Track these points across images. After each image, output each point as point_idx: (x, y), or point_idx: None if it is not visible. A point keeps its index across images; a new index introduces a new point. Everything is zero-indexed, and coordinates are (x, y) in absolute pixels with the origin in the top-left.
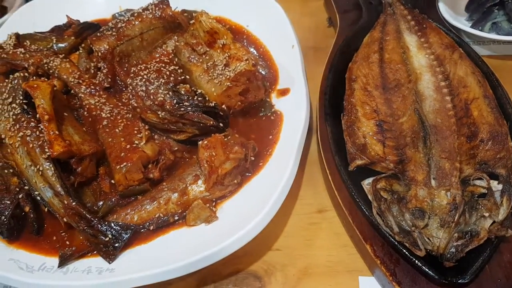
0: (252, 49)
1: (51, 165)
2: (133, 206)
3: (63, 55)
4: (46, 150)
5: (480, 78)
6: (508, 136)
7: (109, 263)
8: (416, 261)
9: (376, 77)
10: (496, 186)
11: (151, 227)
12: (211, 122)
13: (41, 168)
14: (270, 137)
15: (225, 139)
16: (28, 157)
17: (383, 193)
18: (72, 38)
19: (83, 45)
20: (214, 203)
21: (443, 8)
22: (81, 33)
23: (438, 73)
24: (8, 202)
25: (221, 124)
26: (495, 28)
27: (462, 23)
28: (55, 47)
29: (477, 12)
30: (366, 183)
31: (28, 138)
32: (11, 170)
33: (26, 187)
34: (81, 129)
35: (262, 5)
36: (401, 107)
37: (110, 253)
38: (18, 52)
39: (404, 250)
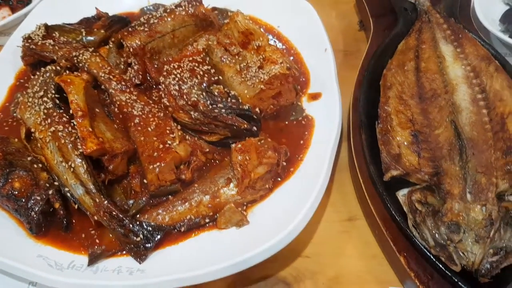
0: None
1: (83, 162)
2: (165, 206)
3: (93, 48)
4: (79, 146)
5: None
6: None
7: (140, 263)
8: (452, 276)
9: (411, 86)
10: None
11: (182, 229)
12: (245, 126)
13: (72, 165)
14: (301, 142)
15: (259, 143)
16: (59, 153)
17: (418, 205)
18: (102, 31)
19: (113, 39)
20: (244, 207)
21: (481, 17)
22: (111, 26)
23: (474, 85)
24: (38, 198)
25: (254, 128)
26: None
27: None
28: (84, 40)
29: None
30: (401, 194)
31: (60, 133)
32: (40, 165)
33: (56, 183)
34: (112, 126)
35: (294, 5)
36: (438, 118)
37: (141, 253)
38: (47, 44)
39: (440, 264)
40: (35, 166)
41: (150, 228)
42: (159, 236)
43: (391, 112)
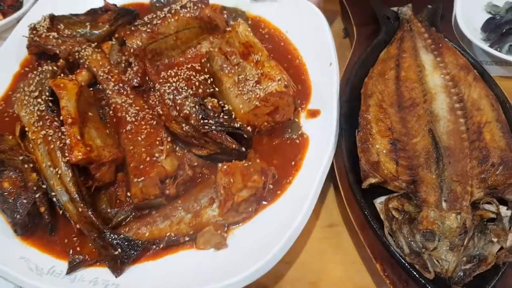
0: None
1: (69, 170)
2: (146, 221)
3: (96, 43)
4: (66, 154)
5: (493, 102)
6: None
7: (116, 277)
8: (426, 283)
9: (391, 95)
10: (505, 212)
11: (161, 245)
12: (234, 146)
13: (59, 171)
14: (293, 163)
15: (245, 164)
16: (48, 157)
17: (395, 213)
18: (107, 26)
19: (116, 35)
20: (226, 228)
21: (462, 26)
22: (117, 20)
23: (453, 94)
24: (25, 201)
25: (243, 148)
26: None
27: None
28: (88, 34)
29: (494, 33)
30: (379, 202)
31: (50, 138)
32: (31, 165)
33: (44, 186)
34: (104, 132)
35: (306, 12)
36: (416, 126)
37: (117, 267)
38: (51, 37)
39: (414, 272)
40: (26, 166)
41: (129, 243)
42: (136, 253)
43: (371, 120)
